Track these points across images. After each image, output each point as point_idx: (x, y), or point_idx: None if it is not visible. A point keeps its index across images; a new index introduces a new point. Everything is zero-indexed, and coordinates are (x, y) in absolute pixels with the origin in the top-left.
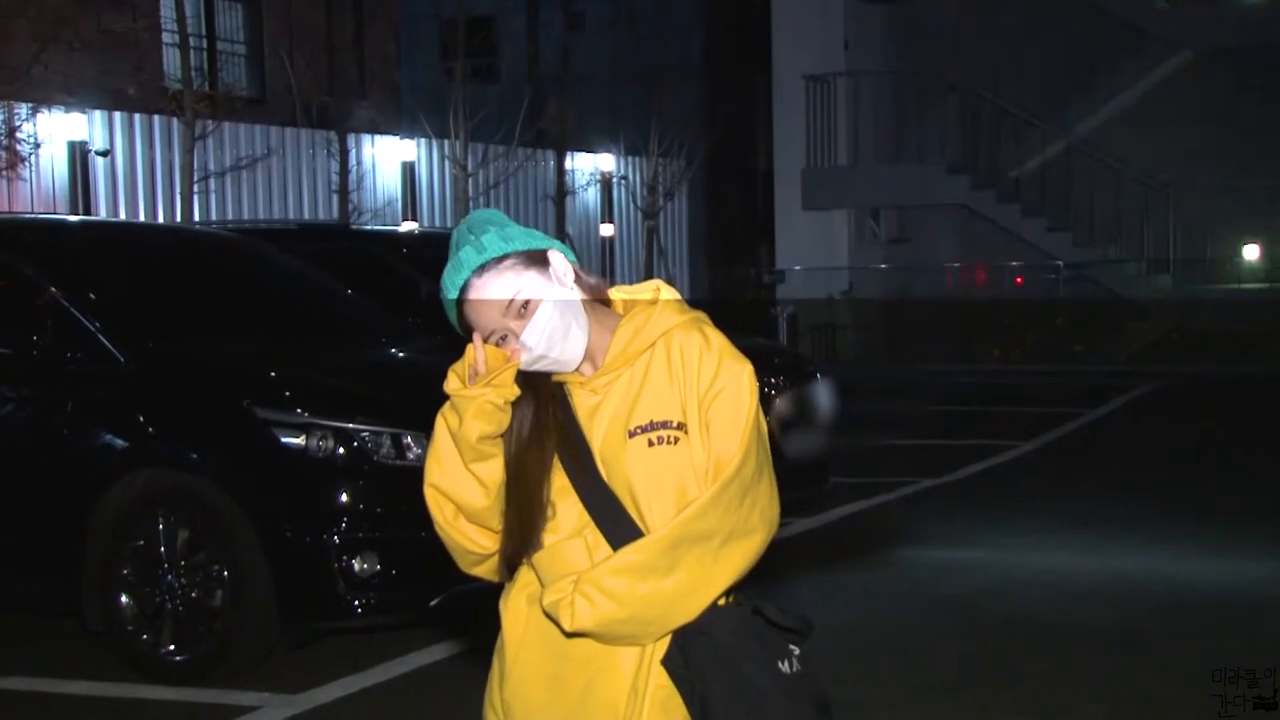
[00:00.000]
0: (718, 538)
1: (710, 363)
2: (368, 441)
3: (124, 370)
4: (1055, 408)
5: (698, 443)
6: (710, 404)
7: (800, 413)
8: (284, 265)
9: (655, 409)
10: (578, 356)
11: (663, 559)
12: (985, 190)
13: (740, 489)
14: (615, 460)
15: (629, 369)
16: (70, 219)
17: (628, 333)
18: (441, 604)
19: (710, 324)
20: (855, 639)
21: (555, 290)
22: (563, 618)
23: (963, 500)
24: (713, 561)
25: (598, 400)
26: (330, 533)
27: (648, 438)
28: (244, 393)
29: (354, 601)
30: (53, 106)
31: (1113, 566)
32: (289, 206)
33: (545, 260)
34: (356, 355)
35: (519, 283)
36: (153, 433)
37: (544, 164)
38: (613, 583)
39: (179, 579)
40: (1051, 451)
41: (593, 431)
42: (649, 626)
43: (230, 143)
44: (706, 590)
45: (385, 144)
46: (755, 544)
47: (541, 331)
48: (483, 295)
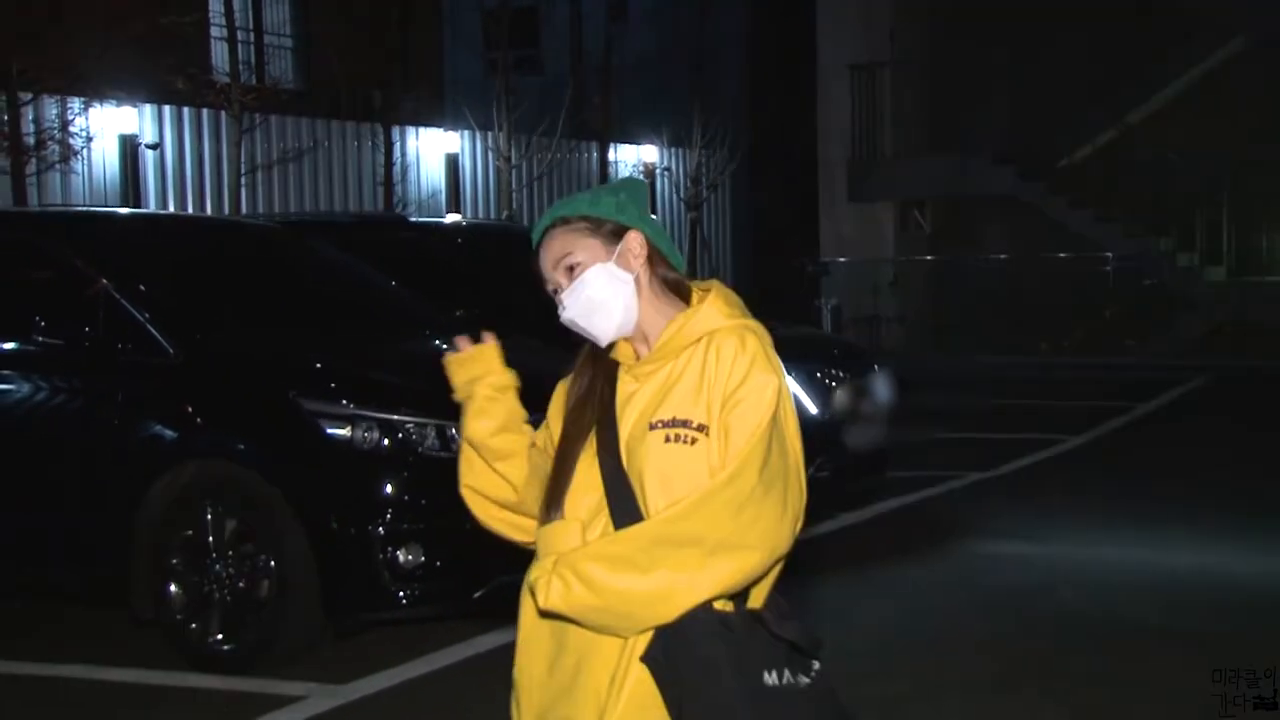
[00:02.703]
0: (705, 545)
1: (739, 369)
2: (412, 433)
3: (173, 361)
4: (1104, 401)
5: (716, 447)
6: (731, 410)
7: (860, 404)
8: (329, 257)
9: (680, 406)
10: (607, 333)
11: (641, 555)
12: (1032, 181)
13: (734, 499)
14: (635, 450)
15: (672, 362)
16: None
17: (675, 327)
18: (485, 596)
19: (757, 331)
20: (901, 633)
21: (609, 265)
22: (538, 595)
23: (1010, 494)
24: (697, 568)
25: (636, 387)
26: (375, 524)
27: (666, 433)
28: (290, 384)
29: (399, 593)
30: (104, 100)
31: (1163, 563)
32: (334, 199)
33: (619, 235)
34: (401, 347)
35: (577, 245)
36: (200, 423)
37: (587, 155)
38: (588, 569)
39: (226, 569)
40: (1101, 446)
41: (624, 416)
42: (624, 620)
43: (277, 135)
44: (686, 596)
45: (429, 136)
46: (751, 561)
47: (579, 297)
48: (548, 245)
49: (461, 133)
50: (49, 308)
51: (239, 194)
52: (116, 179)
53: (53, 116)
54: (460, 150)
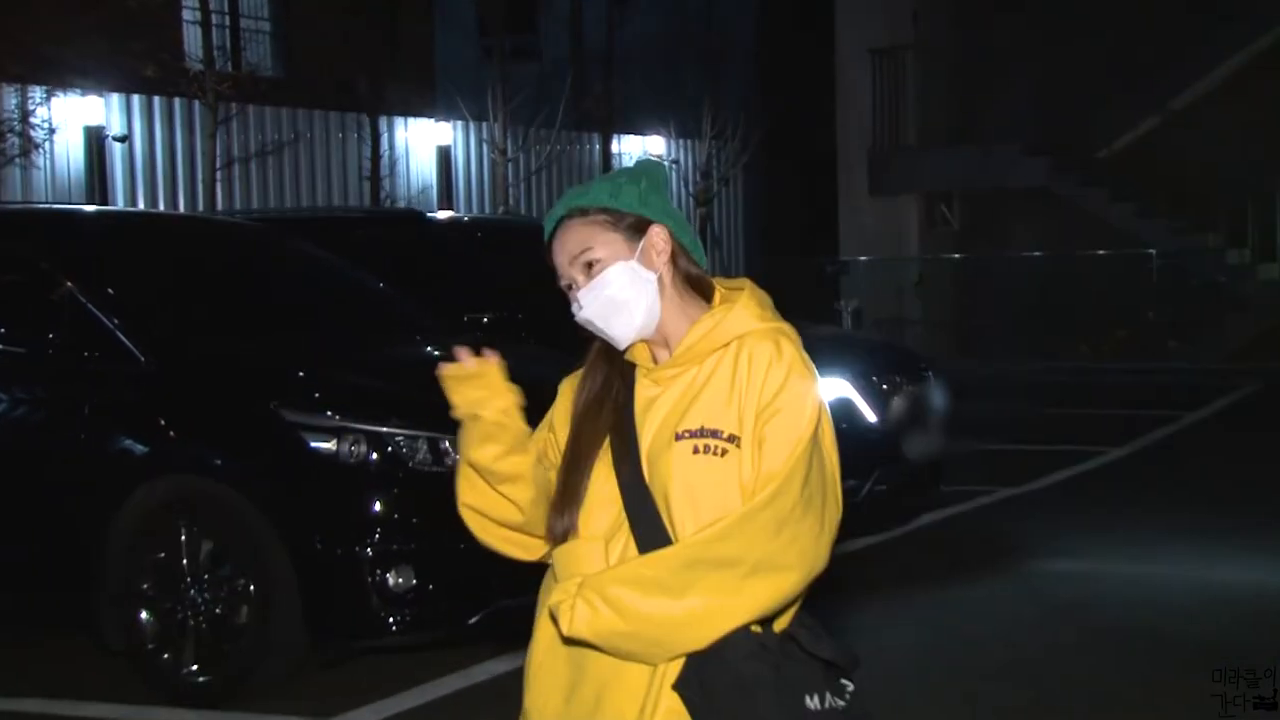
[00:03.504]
0: (743, 566)
1: (776, 376)
2: (403, 446)
3: (144, 370)
4: (1147, 410)
5: (748, 459)
6: (768, 420)
7: (918, 411)
8: (312, 258)
9: (709, 415)
10: (627, 335)
11: (675, 578)
12: (1068, 172)
13: (776, 516)
14: (658, 461)
15: (696, 366)
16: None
17: (701, 329)
18: (482, 621)
19: (791, 336)
20: (938, 655)
21: (631, 263)
22: (561, 620)
23: (1046, 511)
24: (734, 592)
25: (657, 393)
26: (363, 544)
27: (694, 444)
28: (271, 394)
29: (388, 618)
30: (68, 89)
31: (1212, 581)
32: (316, 194)
33: (643, 230)
34: (390, 354)
35: (596, 240)
36: (174, 437)
37: (589, 148)
38: (618, 592)
39: (202, 593)
40: (1144, 458)
41: (644, 425)
42: (653, 647)
43: (255, 127)
44: (721, 621)
45: (419, 127)
46: (788, 582)
47: (597, 296)
48: (563, 238)
49: (454, 123)
50: (9, 312)
51: (214, 190)
52: (81, 174)
53: (12, 107)
54: (453, 142)
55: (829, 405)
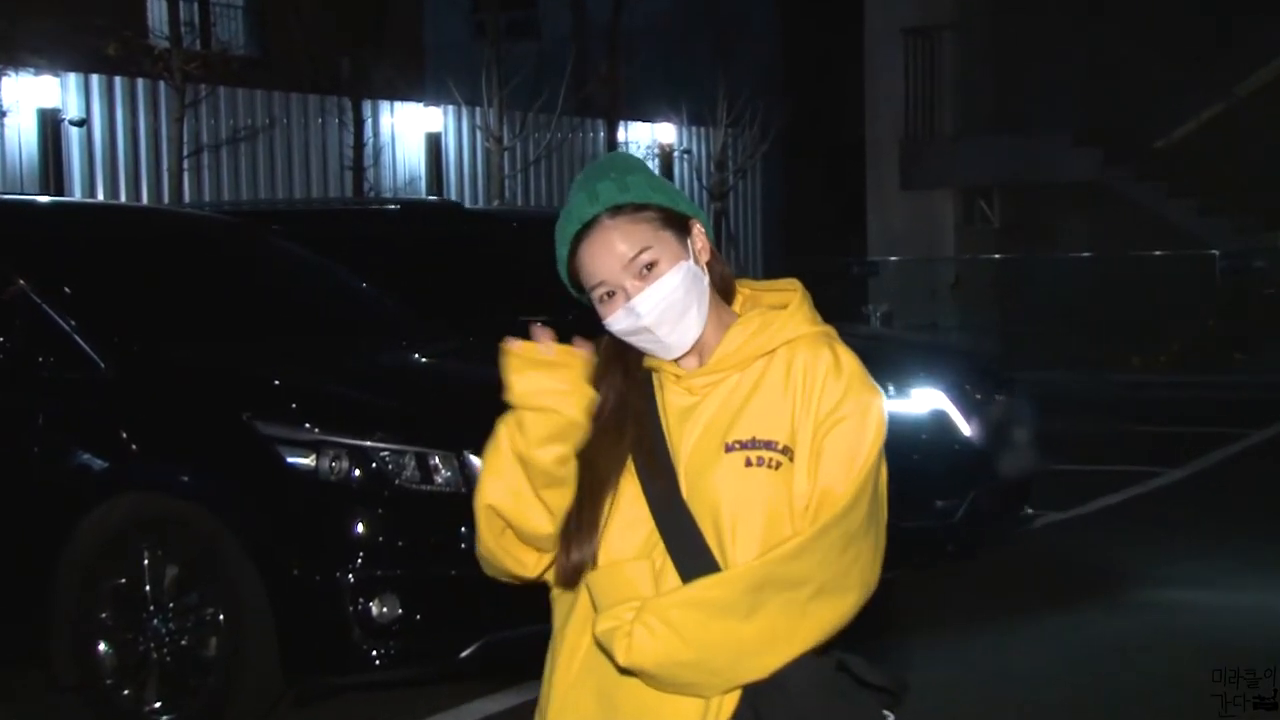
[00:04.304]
0: (809, 587)
1: (837, 385)
2: (388, 462)
3: (104, 377)
4: (1210, 427)
5: (802, 473)
6: (829, 430)
7: (1009, 426)
8: (290, 255)
9: (761, 425)
10: (686, 344)
11: (744, 599)
12: (1122, 164)
13: (845, 535)
14: (703, 476)
15: (738, 373)
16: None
17: (744, 332)
18: (474, 655)
19: (841, 341)
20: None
21: (689, 264)
22: (617, 649)
23: (1095, 538)
24: (799, 615)
25: (694, 402)
26: (344, 570)
27: (746, 456)
28: (244, 404)
29: (371, 651)
30: (20, 69)
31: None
32: (294, 185)
33: (687, 227)
34: (375, 360)
35: (653, 239)
36: (137, 451)
37: (592, 135)
38: (683, 616)
39: (166, 624)
40: (1206, 480)
41: (681, 437)
42: (714, 677)
43: (226, 110)
44: (786, 646)
45: (407, 112)
46: (848, 605)
47: (658, 301)
48: (609, 238)
49: (444, 108)
50: None
51: (180, 179)
52: (35, 160)
53: None
54: (443, 129)
55: (922, 418)
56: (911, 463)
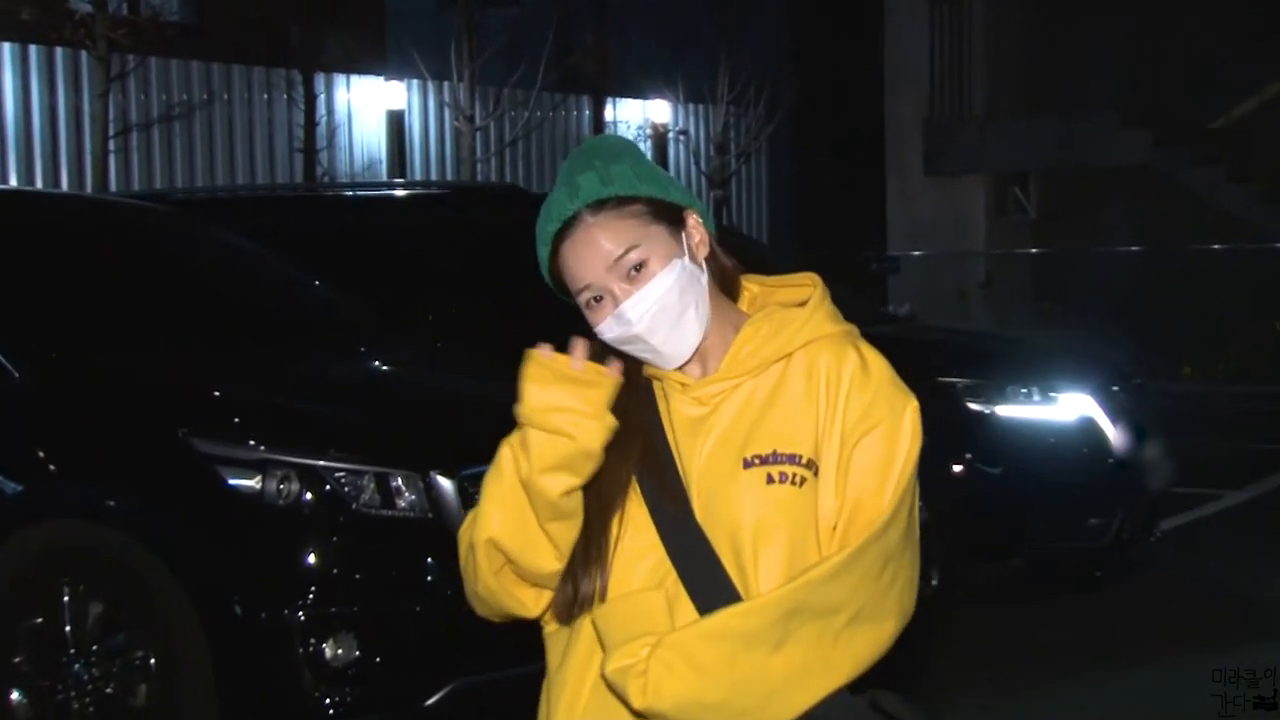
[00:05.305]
0: (845, 614)
1: (865, 390)
2: (344, 484)
3: (17, 388)
4: (1274, 444)
5: (829, 489)
6: (859, 440)
7: (1150, 434)
8: (231, 249)
9: (783, 436)
10: (684, 352)
11: (774, 630)
12: (1174, 147)
13: (883, 554)
14: (720, 494)
15: (752, 379)
16: None
17: (758, 334)
18: (442, 702)
19: (866, 341)
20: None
21: (685, 262)
22: (631, 690)
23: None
24: (831, 644)
25: (704, 413)
26: (293, 607)
27: (767, 471)
28: (179, 418)
29: (324, 699)
30: None
31: None
32: (236, 169)
33: (681, 220)
34: (329, 369)
35: (642, 236)
36: (55, 472)
37: (576, 114)
38: (705, 651)
39: (89, 669)
40: (1270, 503)
41: (692, 452)
42: (739, 718)
43: (159, 84)
44: (819, 681)
45: (365, 87)
46: (886, 633)
47: (650, 306)
48: (592, 236)
49: (408, 83)
50: None
51: (105, 162)
52: None
53: None
54: (407, 106)
55: (1071, 424)
56: (1060, 476)
